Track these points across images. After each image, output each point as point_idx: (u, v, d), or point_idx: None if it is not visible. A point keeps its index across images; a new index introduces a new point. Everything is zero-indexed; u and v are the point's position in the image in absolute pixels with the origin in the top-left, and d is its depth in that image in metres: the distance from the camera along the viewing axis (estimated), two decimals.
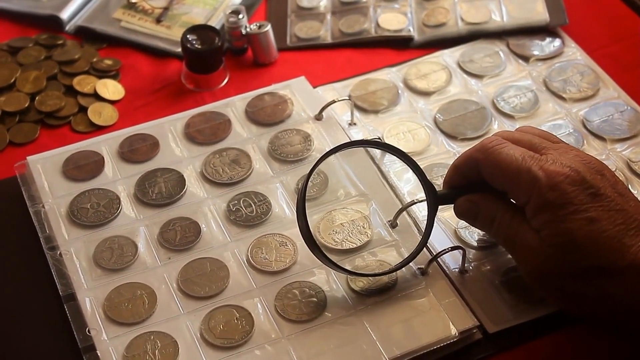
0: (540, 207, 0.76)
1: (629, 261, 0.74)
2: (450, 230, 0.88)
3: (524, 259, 0.79)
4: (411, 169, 0.85)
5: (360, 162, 0.93)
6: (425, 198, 0.83)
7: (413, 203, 0.88)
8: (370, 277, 0.84)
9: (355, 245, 0.87)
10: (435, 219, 0.84)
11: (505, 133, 0.83)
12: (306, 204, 0.80)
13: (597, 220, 0.75)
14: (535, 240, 0.77)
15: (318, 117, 0.98)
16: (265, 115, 0.99)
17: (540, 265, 0.77)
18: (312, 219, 0.88)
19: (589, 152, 0.92)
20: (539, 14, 1.10)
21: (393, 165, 0.94)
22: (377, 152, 0.94)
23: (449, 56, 1.07)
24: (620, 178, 0.80)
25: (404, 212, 0.89)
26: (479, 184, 0.81)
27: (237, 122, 0.98)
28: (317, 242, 0.82)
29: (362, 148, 0.94)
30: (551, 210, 0.76)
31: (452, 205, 0.84)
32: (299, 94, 1.01)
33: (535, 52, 1.07)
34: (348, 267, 0.84)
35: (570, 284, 0.76)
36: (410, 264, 0.84)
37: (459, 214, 0.84)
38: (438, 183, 0.90)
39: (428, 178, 0.83)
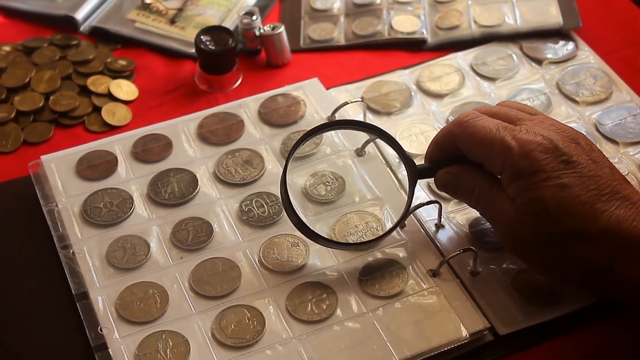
0: (513, 176, 0.78)
1: (602, 226, 0.75)
2: (462, 232, 0.88)
3: (501, 227, 0.80)
4: (390, 145, 0.87)
5: (376, 168, 0.94)
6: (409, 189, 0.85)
7: (421, 205, 0.88)
8: (360, 249, 0.86)
9: (367, 245, 0.87)
10: (448, 221, 0.87)
11: (483, 108, 0.85)
12: (323, 206, 0.86)
13: (570, 186, 0.76)
14: (510, 208, 0.78)
15: (331, 119, 0.98)
16: (278, 116, 0.99)
17: (516, 232, 0.78)
18: (329, 222, 0.89)
19: None
20: (553, 17, 1.10)
21: (401, 173, 0.94)
22: (393, 159, 0.94)
23: (462, 59, 1.07)
24: (633, 182, 0.80)
25: (412, 215, 0.89)
26: (458, 158, 0.83)
27: (250, 123, 0.99)
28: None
29: (381, 160, 0.94)
30: (524, 178, 0.77)
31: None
32: (311, 95, 1.01)
33: (549, 55, 1.07)
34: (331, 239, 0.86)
35: (546, 250, 0.78)
36: (422, 265, 0.85)
37: (440, 186, 0.85)
38: None
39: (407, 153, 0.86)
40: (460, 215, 0.90)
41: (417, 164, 0.86)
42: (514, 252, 0.81)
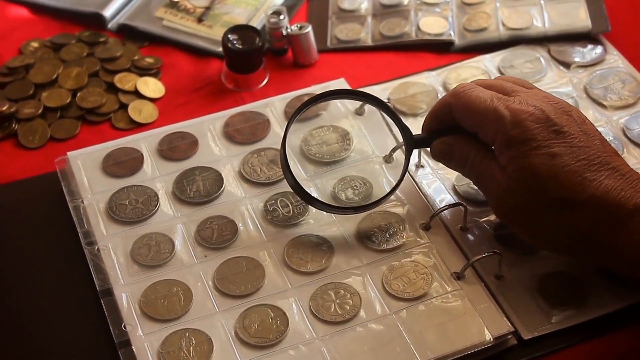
0: (505, 144, 0.80)
1: (589, 194, 0.77)
2: (487, 235, 0.88)
3: (492, 195, 0.82)
4: (388, 115, 0.89)
5: (398, 171, 0.93)
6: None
7: (445, 208, 0.88)
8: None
9: (391, 246, 0.87)
10: (473, 224, 0.87)
11: (480, 80, 0.87)
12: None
13: (559, 155, 0.78)
14: (501, 176, 0.80)
15: (359, 112, 0.98)
16: (305, 116, 0.99)
17: (506, 199, 0.80)
18: (355, 221, 0.89)
19: (629, 160, 0.91)
20: (581, 20, 1.09)
21: (426, 177, 0.94)
22: (412, 167, 0.94)
23: (489, 61, 1.07)
24: None
25: (437, 217, 0.89)
26: (454, 128, 0.85)
27: (276, 123, 0.99)
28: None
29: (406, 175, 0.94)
30: (515, 146, 0.79)
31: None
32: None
33: (577, 59, 1.06)
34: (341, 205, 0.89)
35: (535, 217, 0.80)
36: (446, 268, 0.85)
37: (435, 155, 0.88)
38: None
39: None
40: (485, 218, 0.89)
41: (413, 133, 0.88)
42: (505, 219, 0.83)
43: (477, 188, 0.87)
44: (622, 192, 0.77)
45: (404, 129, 0.88)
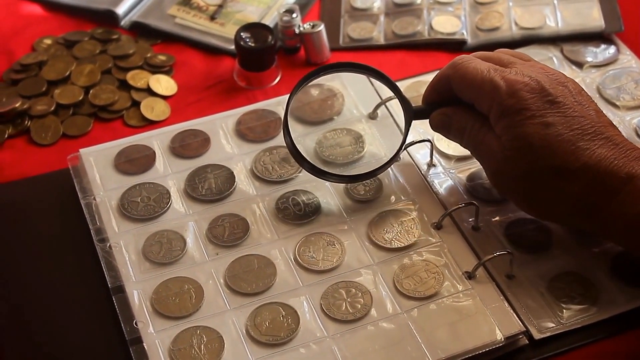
0: (500, 113, 0.82)
1: (582, 162, 0.79)
2: (499, 235, 0.88)
3: (489, 165, 0.84)
4: (388, 87, 0.92)
5: (409, 170, 0.94)
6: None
7: (457, 207, 0.88)
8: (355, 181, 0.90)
9: (402, 245, 0.87)
10: (484, 223, 0.88)
11: (478, 52, 0.89)
12: (362, 204, 0.88)
13: (553, 124, 0.80)
14: (497, 146, 0.82)
15: (372, 116, 0.98)
16: (312, 111, 0.99)
17: (502, 169, 0.82)
18: (367, 218, 0.89)
19: None
20: (595, 20, 1.09)
21: (438, 177, 0.93)
22: (423, 166, 0.94)
23: None
24: None
25: (448, 216, 0.89)
26: (452, 100, 0.87)
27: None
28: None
29: (414, 165, 0.94)
30: (510, 115, 0.81)
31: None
32: (350, 87, 1.01)
33: (589, 59, 1.06)
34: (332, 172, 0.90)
35: (530, 186, 0.81)
36: (458, 267, 0.85)
37: (434, 126, 0.89)
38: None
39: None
40: (497, 218, 0.89)
41: (413, 105, 0.90)
42: (501, 189, 0.86)
43: (488, 187, 0.88)
44: (615, 161, 0.78)
45: (404, 101, 0.90)
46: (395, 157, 0.90)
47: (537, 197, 0.82)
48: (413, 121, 0.90)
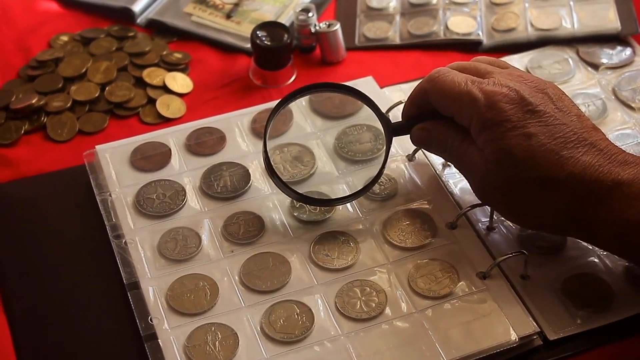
0: (481, 127, 0.80)
1: (568, 172, 0.78)
2: (513, 235, 0.88)
3: (473, 178, 0.84)
4: (366, 104, 0.90)
5: (424, 170, 0.94)
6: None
7: (474, 207, 0.88)
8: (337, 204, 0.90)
9: (416, 245, 0.87)
10: (499, 224, 0.88)
11: (455, 63, 0.87)
12: (377, 202, 0.88)
13: (535, 135, 0.79)
14: (480, 159, 0.81)
15: (385, 118, 0.98)
16: (332, 106, 0.99)
17: (486, 181, 0.81)
18: (381, 216, 0.89)
19: None
20: (611, 22, 1.09)
21: (453, 177, 0.93)
22: (438, 165, 0.94)
23: (517, 61, 1.07)
24: None
25: (463, 216, 0.89)
26: (432, 114, 0.86)
27: (300, 114, 0.99)
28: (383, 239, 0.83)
29: (429, 165, 0.94)
30: (491, 128, 0.80)
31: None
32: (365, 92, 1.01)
33: (605, 61, 1.06)
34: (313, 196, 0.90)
35: (516, 198, 0.80)
36: (472, 267, 0.85)
37: (415, 141, 0.89)
38: None
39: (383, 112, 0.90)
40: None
41: (392, 121, 0.89)
42: (487, 201, 0.85)
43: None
44: (600, 168, 0.78)
45: (383, 118, 0.89)
46: (378, 176, 0.89)
47: (523, 207, 0.81)
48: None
